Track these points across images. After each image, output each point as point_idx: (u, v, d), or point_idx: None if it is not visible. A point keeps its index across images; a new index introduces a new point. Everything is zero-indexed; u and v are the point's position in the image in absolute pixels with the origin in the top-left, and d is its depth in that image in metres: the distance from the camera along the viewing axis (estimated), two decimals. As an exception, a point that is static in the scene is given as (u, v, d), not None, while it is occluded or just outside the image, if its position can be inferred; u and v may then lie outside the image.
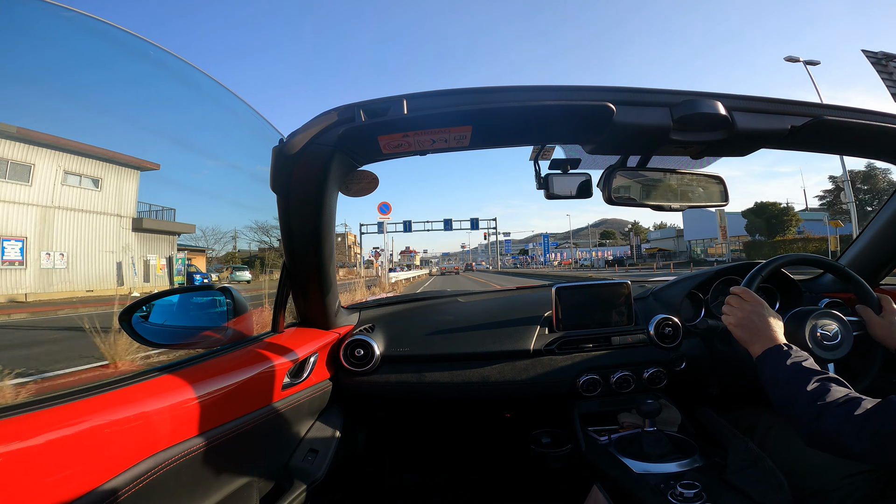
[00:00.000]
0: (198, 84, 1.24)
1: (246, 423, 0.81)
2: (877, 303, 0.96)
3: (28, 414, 0.53)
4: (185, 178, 31.85)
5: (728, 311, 0.92)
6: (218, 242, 31.96)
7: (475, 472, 1.57)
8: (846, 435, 0.64)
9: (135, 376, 0.69)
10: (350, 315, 1.33)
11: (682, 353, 1.25)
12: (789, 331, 0.92)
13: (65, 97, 17.33)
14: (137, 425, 0.61)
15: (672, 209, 0.92)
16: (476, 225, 49.19)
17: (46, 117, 22.49)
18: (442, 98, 0.72)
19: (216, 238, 32.82)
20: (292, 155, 0.77)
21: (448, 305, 1.48)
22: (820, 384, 0.71)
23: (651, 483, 0.91)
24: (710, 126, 0.77)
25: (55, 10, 0.95)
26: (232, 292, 1.03)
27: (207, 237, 31.39)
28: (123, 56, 1.19)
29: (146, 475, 0.61)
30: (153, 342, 0.94)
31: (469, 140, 0.80)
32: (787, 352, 0.79)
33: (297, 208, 0.88)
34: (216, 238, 32.82)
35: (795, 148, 0.89)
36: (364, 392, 1.20)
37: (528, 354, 1.22)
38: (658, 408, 1.03)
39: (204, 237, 30.78)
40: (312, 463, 1.01)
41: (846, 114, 0.81)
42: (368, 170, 0.94)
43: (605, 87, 0.74)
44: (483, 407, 1.38)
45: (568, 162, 0.94)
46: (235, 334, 0.98)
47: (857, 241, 1.26)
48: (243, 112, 1.16)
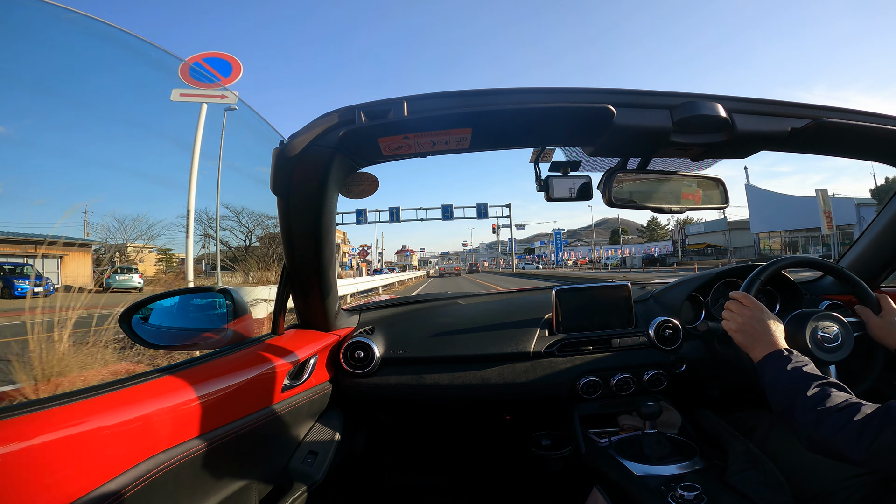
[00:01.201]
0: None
1: (246, 424, 0.81)
2: (875, 302, 0.96)
3: (28, 415, 0.54)
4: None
5: (728, 317, 0.92)
6: (144, 237, 27.29)
7: (475, 475, 1.56)
8: (845, 441, 0.64)
9: (135, 378, 0.70)
10: (350, 317, 1.33)
11: (682, 355, 1.24)
12: (790, 333, 0.91)
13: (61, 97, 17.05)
14: (137, 427, 0.61)
15: (672, 211, 0.92)
16: (484, 213, 36.69)
17: (46, 118, 22.37)
18: (442, 100, 0.72)
19: (142, 231, 27.72)
20: (293, 157, 0.77)
21: (448, 308, 1.48)
22: (820, 389, 0.71)
23: (651, 485, 0.90)
24: (710, 128, 0.77)
25: (56, 12, 0.95)
26: (232, 294, 1.03)
27: (126, 229, 26.59)
28: (123, 56, 1.20)
29: (145, 476, 0.61)
30: (153, 344, 0.94)
31: (469, 142, 0.80)
32: (787, 356, 0.79)
33: (297, 210, 0.88)
34: (142, 231, 27.72)
35: (795, 150, 0.89)
36: (364, 394, 1.20)
37: (528, 357, 1.22)
38: (658, 410, 1.03)
39: (122, 228, 26.16)
40: (312, 465, 1.01)
41: (846, 116, 0.81)
42: (368, 172, 0.94)
43: (605, 90, 0.74)
44: (483, 409, 1.37)
45: (568, 164, 0.94)
46: (235, 336, 0.98)
47: (857, 243, 1.26)
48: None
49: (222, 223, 25.90)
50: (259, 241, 27.82)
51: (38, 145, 26.30)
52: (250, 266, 13.78)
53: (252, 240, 29.81)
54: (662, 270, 29.83)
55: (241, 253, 26.76)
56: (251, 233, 29.83)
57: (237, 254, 26.91)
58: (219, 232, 19.15)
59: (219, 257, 14.32)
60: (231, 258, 24.05)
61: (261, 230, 28.89)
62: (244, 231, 29.83)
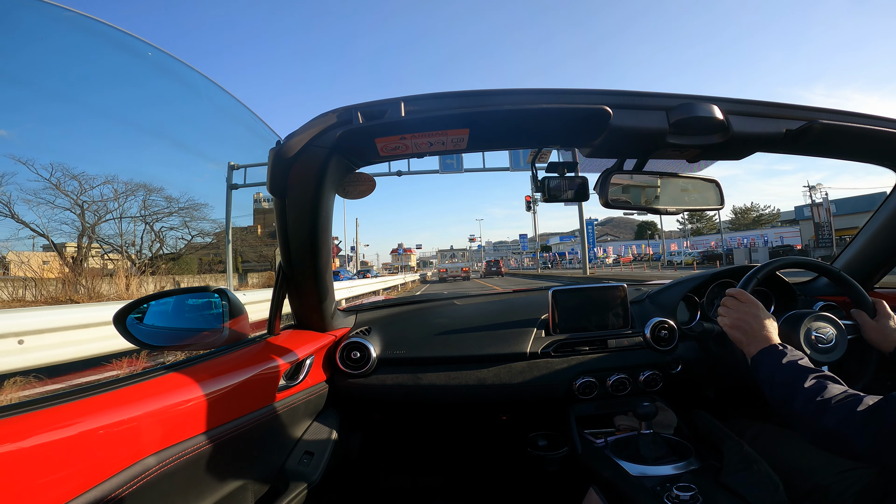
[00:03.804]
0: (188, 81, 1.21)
1: (241, 424, 0.81)
2: (871, 306, 0.97)
3: (23, 415, 0.53)
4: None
5: (724, 313, 0.93)
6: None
7: (471, 475, 1.56)
8: (848, 432, 0.64)
9: (131, 378, 0.69)
10: (346, 317, 1.33)
11: (677, 356, 1.25)
12: (784, 333, 0.92)
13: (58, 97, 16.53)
14: (133, 427, 0.61)
15: (668, 212, 0.92)
16: (517, 162, 17.62)
17: (45, 117, 21.88)
18: (439, 101, 0.72)
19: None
20: (290, 157, 0.77)
21: (445, 308, 1.48)
22: (817, 381, 0.71)
23: (647, 485, 0.91)
24: (706, 129, 0.78)
25: (54, 11, 0.94)
26: (228, 294, 1.02)
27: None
28: (122, 56, 1.19)
29: (141, 477, 0.60)
30: (148, 344, 0.93)
31: (466, 143, 0.80)
32: (782, 351, 0.79)
33: (293, 210, 0.88)
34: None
35: (791, 152, 0.89)
36: (360, 394, 1.20)
37: (524, 357, 1.22)
38: (654, 410, 1.03)
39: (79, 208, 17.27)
40: (308, 465, 1.01)
41: (842, 118, 0.81)
42: (365, 172, 0.94)
43: (601, 91, 0.74)
44: (479, 409, 1.38)
45: (565, 165, 0.94)
46: (231, 336, 0.97)
47: (852, 244, 1.27)
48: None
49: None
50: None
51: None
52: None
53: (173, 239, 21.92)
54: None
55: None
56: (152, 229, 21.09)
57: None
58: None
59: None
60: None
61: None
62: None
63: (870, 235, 1.21)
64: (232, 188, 15.11)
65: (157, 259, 20.81)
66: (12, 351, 2.98)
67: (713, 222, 51.35)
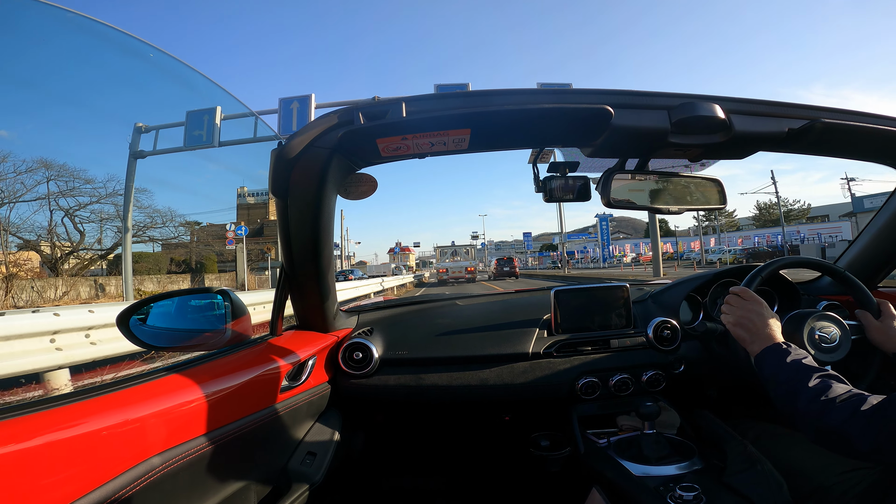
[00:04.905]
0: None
1: (244, 425, 0.81)
2: (876, 307, 0.96)
3: (26, 416, 0.53)
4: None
5: (727, 311, 0.92)
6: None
7: (474, 476, 1.56)
8: (852, 431, 0.63)
9: (134, 378, 0.69)
10: (349, 318, 1.33)
11: (680, 355, 1.24)
12: (788, 333, 0.92)
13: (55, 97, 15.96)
14: (135, 428, 0.61)
15: (670, 212, 0.92)
16: None
17: (43, 117, 21.50)
18: (441, 101, 0.72)
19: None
20: (291, 158, 0.77)
21: (447, 308, 1.48)
22: (821, 380, 0.71)
23: (650, 486, 0.90)
24: (708, 129, 0.78)
25: (52, 12, 0.94)
26: (230, 295, 1.02)
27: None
28: (121, 56, 1.18)
29: (144, 478, 0.60)
30: (151, 345, 0.93)
31: (468, 143, 0.80)
32: (786, 350, 0.79)
33: (295, 211, 0.88)
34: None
35: (793, 151, 0.89)
36: (362, 395, 1.20)
37: (526, 357, 1.22)
38: (657, 410, 1.03)
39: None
40: (311, 466, 1.01)
41: (844, 116, 0.81)
42: (367, 173, 0.94)
43: (603, 90, 0.74)
44: (481, 410, 1.38)
45: (566, 165, 0.94)
46: (234, 337, 0.97)
47: (856, 242, 1.27)
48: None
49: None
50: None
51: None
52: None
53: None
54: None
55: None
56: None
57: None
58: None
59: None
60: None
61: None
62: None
63: (874, 234, 1.21)
64: (136, 157, 11.35)
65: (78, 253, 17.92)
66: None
67: (733, 218, 46.44)
